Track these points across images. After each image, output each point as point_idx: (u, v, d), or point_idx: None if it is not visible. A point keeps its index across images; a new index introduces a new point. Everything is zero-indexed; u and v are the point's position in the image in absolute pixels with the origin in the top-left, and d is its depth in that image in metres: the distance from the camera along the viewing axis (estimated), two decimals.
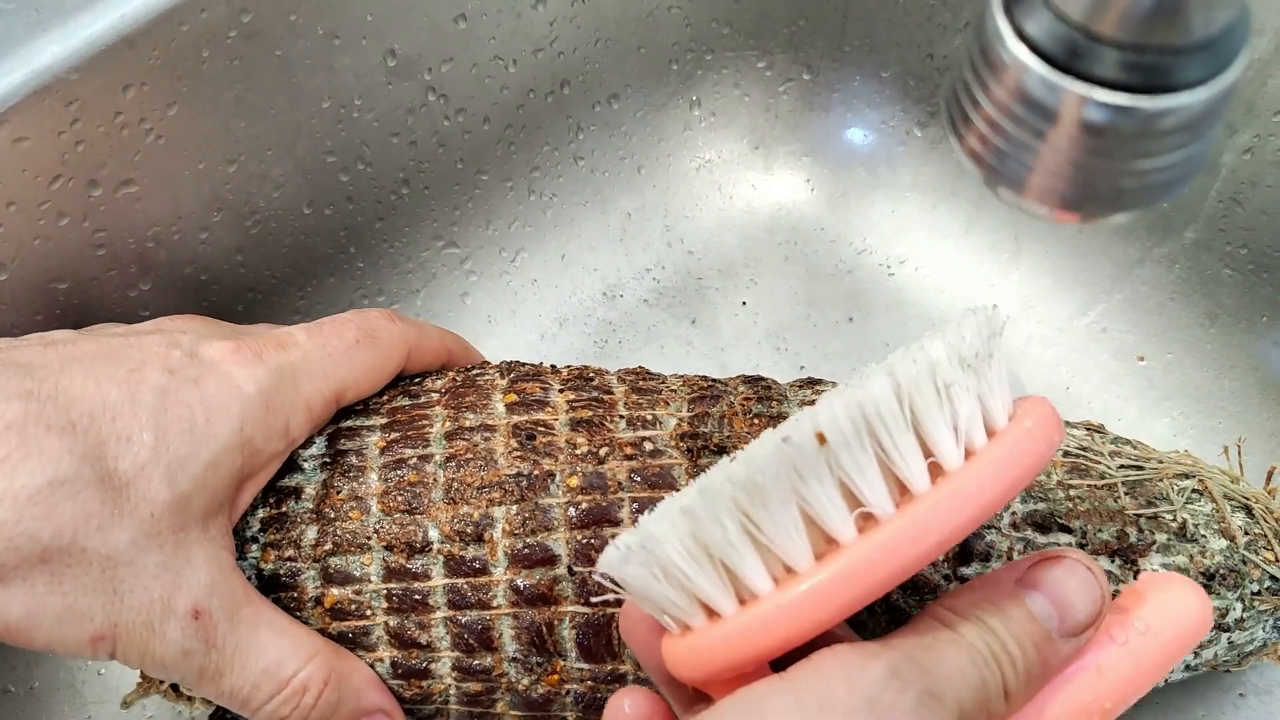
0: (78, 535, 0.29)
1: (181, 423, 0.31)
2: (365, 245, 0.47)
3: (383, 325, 0.37)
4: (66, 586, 0.29)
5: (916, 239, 0.53)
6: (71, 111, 0.36)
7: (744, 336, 0.51)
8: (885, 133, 0.53)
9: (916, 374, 0.24)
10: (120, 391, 0.30)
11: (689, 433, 0.34)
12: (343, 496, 0.34)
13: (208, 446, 0.31)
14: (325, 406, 0.35)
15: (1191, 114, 0.20)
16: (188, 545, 0.31)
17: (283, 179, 0.43)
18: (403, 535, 0.33)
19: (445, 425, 0.35)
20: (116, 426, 0.30)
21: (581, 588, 0.33)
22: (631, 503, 0.33)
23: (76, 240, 0.38)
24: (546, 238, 0.52)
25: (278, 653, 0.32)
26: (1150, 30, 0.19)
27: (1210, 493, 0.35)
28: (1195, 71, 0.20)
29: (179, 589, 0.30)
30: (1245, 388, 0.47)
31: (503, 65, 0.46)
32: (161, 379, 0.31)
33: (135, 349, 0.31)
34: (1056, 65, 0.20)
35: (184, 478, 0.30)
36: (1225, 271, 0.47)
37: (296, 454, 0.35)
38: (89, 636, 0.30)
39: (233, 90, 0.39)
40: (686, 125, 0.54)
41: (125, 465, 0.30)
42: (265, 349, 0.33)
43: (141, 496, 0.30)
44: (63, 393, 0.29)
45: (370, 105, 0.43)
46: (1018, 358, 0.50)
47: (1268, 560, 0.35)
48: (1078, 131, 0.20)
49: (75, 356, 0.31)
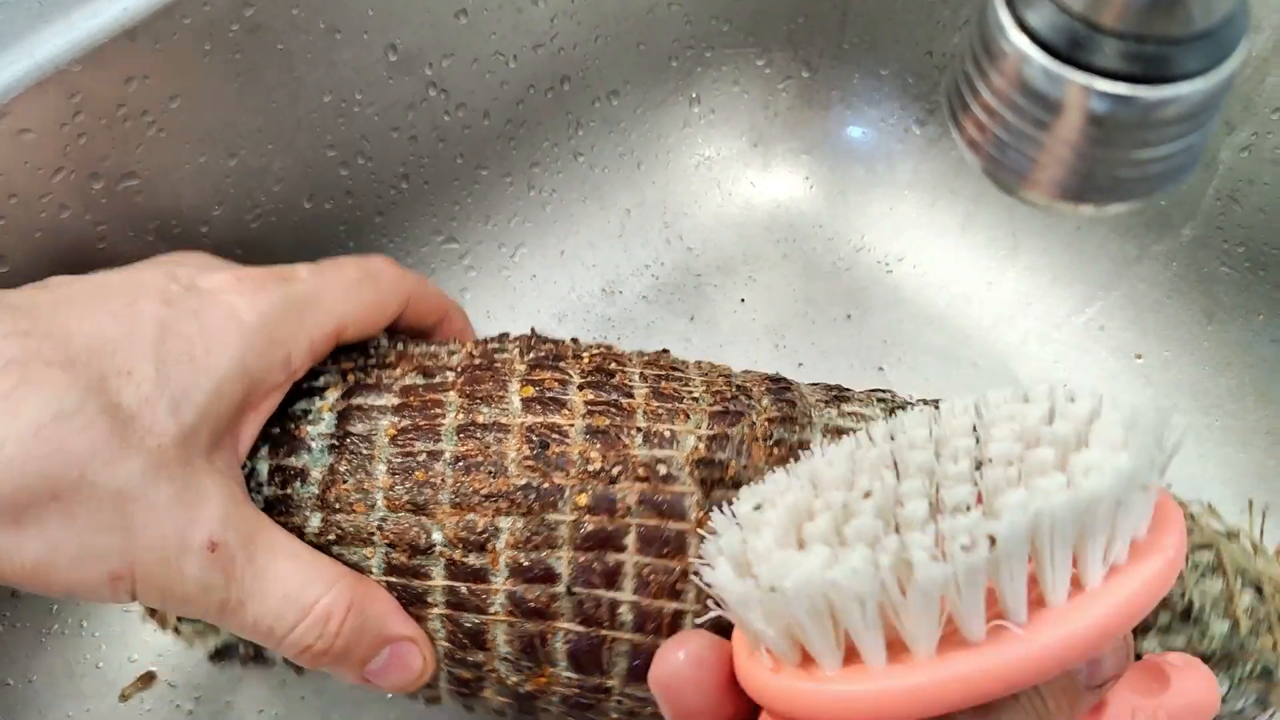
0: (87, 470, 0.28)
1: (182, 354, 0.30)
2: (365, 239, 0.47)
3: (383, 268, 0.37)
4: (80, 524, 0.28)
5: (915, 236, 0.53)
6: (73, 104, 0.36)
7: (742, 333, 0.51)
8: (884, 130, 0.53)
9: (1103, 491, 0.23)
10: (118, 325, 0.30)
11: (705, 459, 0.33)
12: (348, 487, 0.33)
13: (209, 377, 0.30)
14: (326, 340, 0.34)
15: (1191, 104, 0.20)
16: (197, 477, 0.30)
17: (283, 173, 0.43)
18: (406, 535, 0.33)
19: (458, 417, 0.34)
20: (116, 360, 0.29)
21: (579, 608, 0.33)
22: (639, 528, 0.32)
23: (78, 233, 0.38)
24: (546, 233, 0.52)
25: (298, 579, 0.31)
26: (1150, 20, 0.20)
27: (1224, 570, 0.35)
28: (1195, 62, 0.20)
29: (193, 522, 0.30)
30: (1241, 385, 0.47)
31: (503, 61, 0.47)
32: (160, 310, 0.30)
33: (132, 283, 0.31)
34: (1057, 55, 0.20)
35: (188, 409, 0.30)
36: (1222, 269, 0.47)
37: (305, 430, 0.34)
38: (107, 576, 0.29)
39: (234, 84, 0.39)
40: (686, 122, 0.54)
41: (129, 398, 0.29)
42: (267, 280, 0.33)
43: (147, 429, 0.29)
44: (59, 329, 0.29)
45: (371, 100, 0.44)
46: (1015, 355, 0.50)
47: (1265, 646, 0.35)
48: (1078, 121, 0.21)
49: (70, 295, 0.30)
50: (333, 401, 0.34)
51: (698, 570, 0.28)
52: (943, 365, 0.50)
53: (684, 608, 0.32)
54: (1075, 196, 0.22)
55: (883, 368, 0.50)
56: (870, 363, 0.50)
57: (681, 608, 0.32)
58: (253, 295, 0.32)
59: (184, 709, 0.43)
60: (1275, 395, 0.47)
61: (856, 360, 0.50)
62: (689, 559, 0.32)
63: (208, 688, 0.44)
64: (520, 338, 0.37)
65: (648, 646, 0.33)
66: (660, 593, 0.32)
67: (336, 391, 0.35)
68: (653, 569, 0.32)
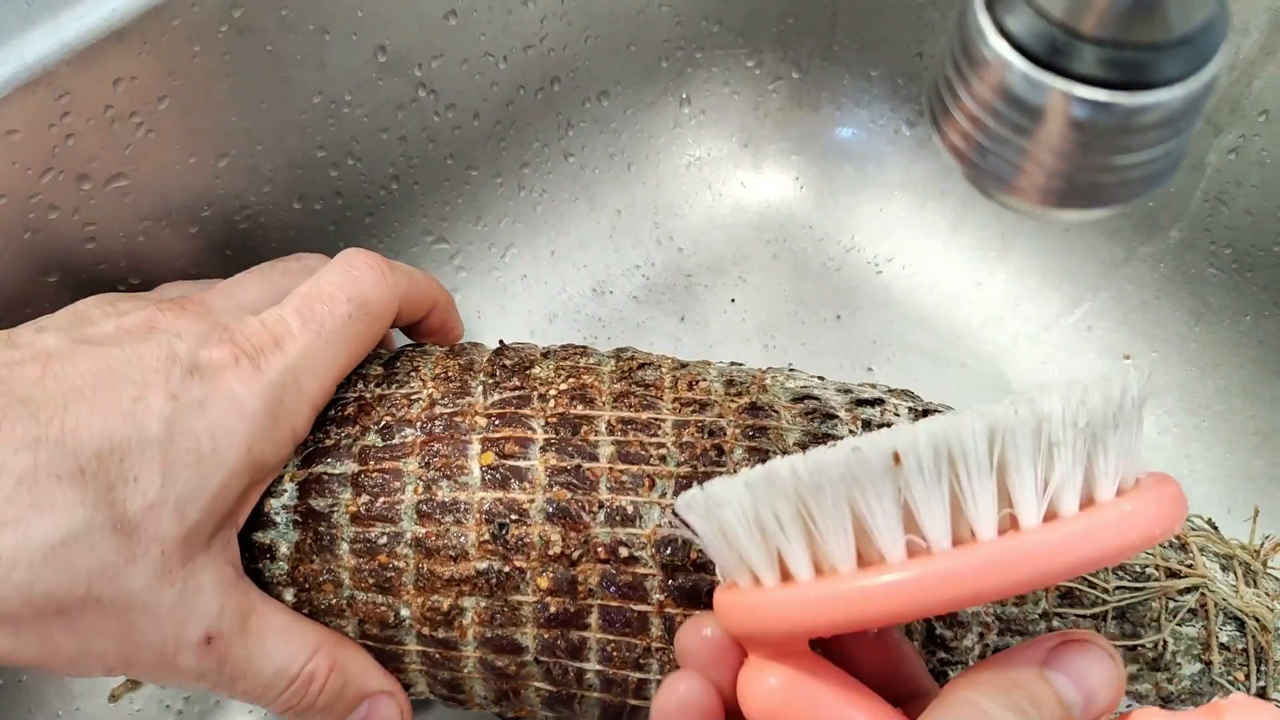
0: (93, 587, 0.29)
1: (189, 455, 0.30)
2: (354, 240, 0.47)
3: (373, 290, 0.35)
4: (81, 633, 0.30)
5: (904, 237, 0.53)
6: (62, 105, 0.36)
7: (733, 333, 0.52)
8: (874, 131, 0.54)
9: (1017, 424, 0.24)
10: (125, 426, 0.30)
11: (668, 539, 0.32)
12: (315, 568, 0.33)
13: (216, 474, 0.31)
14: (326, 396, 0.34)
15: (1171, 110, 0.20)
16: (196, 574, 0.31)
17: (273, 174, 0.43)
18: (375, 612, 0.33)
19: (417, 492, 0.33)
20: (124, 466, 0.29)
21: (547, 674, 0.33)
22: (601, 608, 0.32)
23: (67, 234, 0.38)
24: (536, 234, 0.52)
25: (287, 655, 0.33)
26: (1130, 27, 0.20)
27: (1207, 614, 0.34)
28: (1175, 68, 0.20)
29: (190, 621, 0.31)
30: (1229, 386, 0.48)
31: (493, 61, 0.47)
32: (166, 407, 0.30)
33: (135, 368, 0.31)
34: (1037, 62, 0.20)
35: (193, 511, 0.30)
36: (1210, 271, 0.47)
37: (268, 505, 0.34)
38: (103, 670, 0.31)
39: (223, 85, 0.39)
40: (676, 122, 0.54)
41: (134, 507, 0.29)
42: (263, 355, 0.32)
43: (152, 537, 0.30)
44: (70, 435, 0.29)
45: (360, 100, 0.44)
46: (1004, 356, 0.50)
47: (1236, 681, 0.35)
48: (1058, 127, 0.21)
49: (76, 386, 0.30)
50: (293, 470, 0.34)
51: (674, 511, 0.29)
52: (932, 366, 0.50)
53: (648, 677, 0.33)
54: (1056, 202, 0.22)
55: (872, 368, 0.50)
56: (860, 363, 0.50)
57: (646, 677, 0.33)
58: (252, 380, 0.32)
59: (173, 709, 0.43)
60: (1262, 395, 0.47)
61: (846, 360, 0.50)
62: (651, 638, 0.32)
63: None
64: (488, 361, 0.36)
65: (617, 703, 0.34)
66: (625, 665, 0.33)
67: (296, 456, 0.34)
68: (616, 645, 0.33)
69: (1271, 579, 0.37)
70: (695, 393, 0.35)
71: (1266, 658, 0.35)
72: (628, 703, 0.33)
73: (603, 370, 0.36)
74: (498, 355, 0.37)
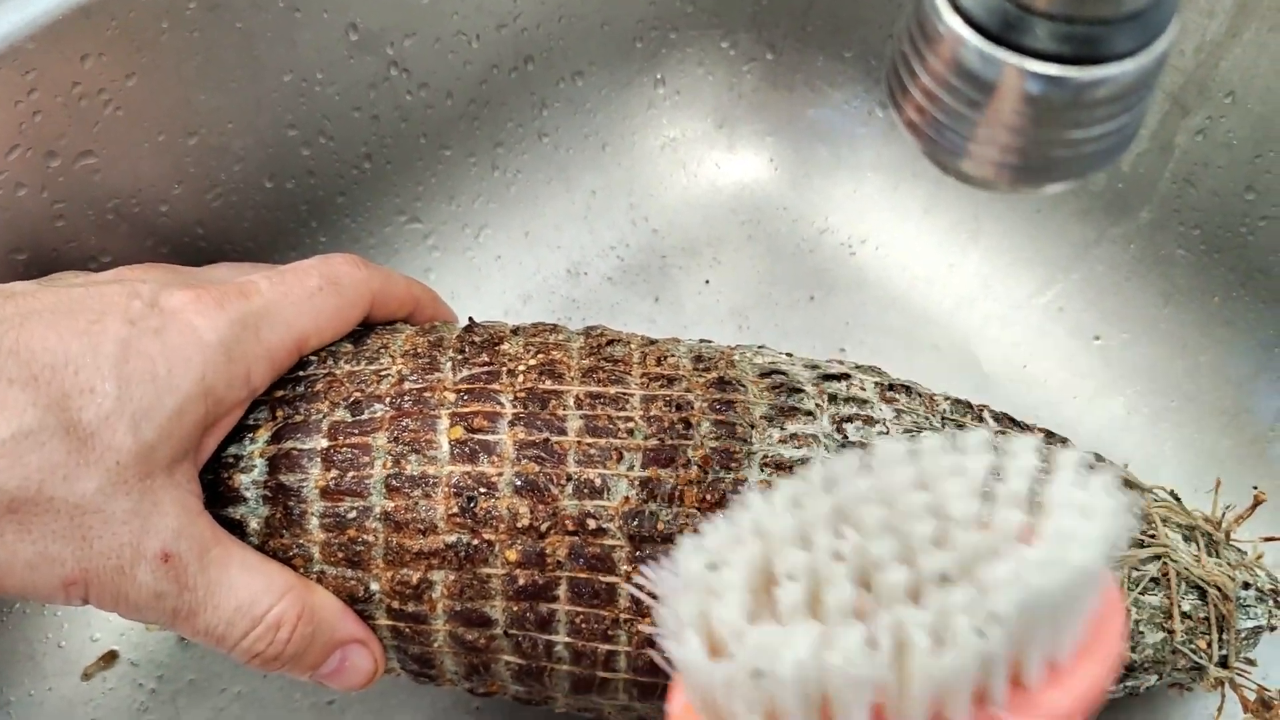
0: (44, 485, 0.29)
1: (144, 373, 0.31)
2: (327, 220, 0.47)
3: (346, 272, 0.36)
4: (35, 534, 0.30)
5: (878, 219, 0.53)
6: (28, 81, 0.36)
7: (707, 314, 0.52)
8: (848, 113, 0.54)
9: (1089, 564, 0.22)
10: (81, 343, 0.30)
11: (635, 510, 0.33)
12: (285, 542, 0.33)
13: (171, 396, 0.31)
14: (288, 354, 0.35)
15: (1123, 84, 0.21)
16: (154, 491, 0.31)
17: (244, 152, 0.43)
18: (345, 586, 0.33)
19: (386, 467, 0.33)
20: (79, 378, 0.30)
21: (517, 646, 0.33)
22: (570, 580, 0.33)
23: (35, 212, 0.38)
24: (510, 214, 0.52)
25: (250, 591, 0.32)
26: (1081, 2, 0.20)
27: (1169, 583, 0.35)
28: (1126, 42, 0.20)
29: (147, 533, 0.31)
30: (1198, 366, 0.48)
31: (466, 40, 0.47)
32: (123, 329, 0.31)
33: (96, 300, 0.31)
34: (991, 37, 0.21)
35: (148, 427, 0.31)
36: (1179, 252, 0.48)
37: (238, 480, 0.34)
38: (60, 581, 0.30)
39: (192, 62, 0.39)
40: (651, 103, 0.54)
41: (89, 416, 0.30)
42: (226, 297, 0.33)
43: (107, 445, 0.30)
44: (24, 346, 0.30)
45: (332, 79, 0.43)
46: (976, 337, 0.51)
47: (1198, 649, 0.35)
48: (1012, 102, 0.21)
49: (35, 309, 0.31)
50: (263, 445, 0.34)
51: (655, 641, 0.25)
52: (904, 347, 0.50)
53: (617, 649, 0.33)
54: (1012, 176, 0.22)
55: (845, 349, 0.50)
56: (832, 344, 0.50)
57: (614, 649, 0.33)
58: (213, 314, 0.32)
59: (146, 687, 0.43)
60: (1231, 376, 0.47)
61: (819, 341, 0.51)
62: (619, 609, 0.33)
63: (170, 666, 0.44)
64: (457, 338, 0.36)
65: (587, 676, 0.34)
66: (594, 637, 0.33)
67: (267, 432, 0.34)
68: (585, 617, 0.33)
69: (1233, 549, 0.37)
70: (663, 368, 0.35)
71: (1228, 625, 0.35)
72: (597, 675, 0.34)
73: (571, 346, 0.36)
74: (467, 332, 0.37)
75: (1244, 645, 0.36)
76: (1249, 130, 0.43)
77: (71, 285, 0.33)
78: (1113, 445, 0.47)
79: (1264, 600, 0.36)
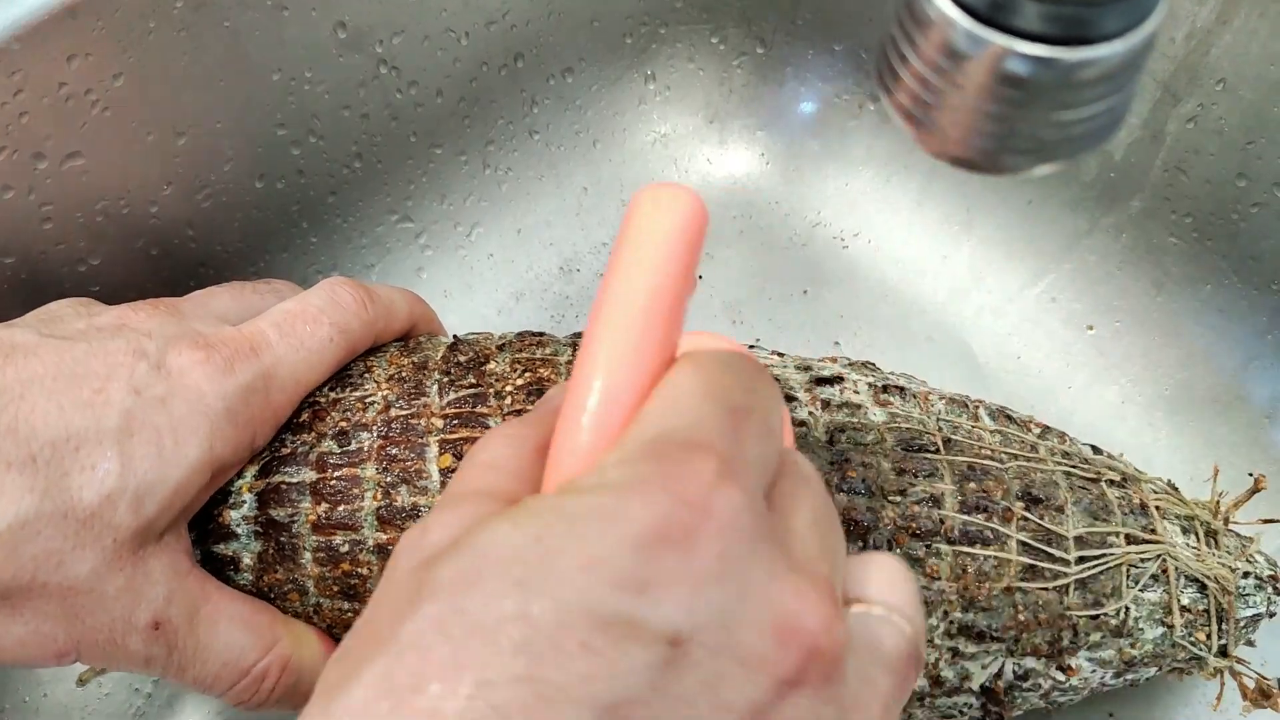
0: (38, 573, 0.29)
1: (148, 447, 0.30)
2: (318, 219, 0.47)
3: (355, 319, 0.35)
4: (27, 616, 0.30)
5: (870, 212, 0.53)
6: (14, 82, 0.35)
7: (700, 310, 0.52)
8: (838, 106, 0.54)
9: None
10: (84, 417, 0.30)
11: None
12: (280, 577, 0.33)
13: (176, 469, 0.31)
14: (292, 409, 0.34)
15: (1111, 65, 0.21)
16: (146, 561, 0.31)
17: (233, 152, 0.43)
18: (341, 618, 0.33)
19: (376, 498, 0.33)
20: (80, 456, 0.29)
21: None
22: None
23: (23, 214, 0.38)
24: (502, 212, 0.52)
25: (238, 648, 0.33)
26: None
27: (1168, 578, 0.35)
28: (1114, 23, 0.20)
29: (138, 606, 0.31)
30: (1190, 355, 0.48)
31: (455, 38, 0.46)
32: (127, 400, 0.30)
33: (99, 360, 0.31)
34: (979, 18, 0.20)
35: (150, 504, 0.30)
36: (1171, 240, 0.48)
37: (228, 516, 0.34)
38: (53, 653, 0.30)
39: (180, 61, 0.39)
40: (641, 99, 0.54)
41: (89, 496, 0.29)
42: (237, 357, 0.32)
43: (105, 524, 0.30)
44: (24, 423, 0.29)
45: (321, 78, 0.43)
46: (969, 328, 0.51)
47: (1198, 642, 0.35)
48: (1000, 83, 0.21)
49: (36, 376, 0.30)
50: (251, 480, 0.34)
51: None
52: (898, 339, 0.50)
53: None
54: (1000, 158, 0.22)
55: (838, 342, 0.50)
56: (826, 337, 0.50)
57: None
58: (221, 380, 0.32)
59: (142, 692, 0.43)
60: (1223, 363, 0.47)
61: (813, 335, 0.50)
62: None
63: None
64: (442, 359, 0.36)
65: None
66: None
67: (254, 466, 0.34)
68: None
69: (1232, 536, 0.37)
70: None
71: (1228, 617, 0.35)
72: None
73: (560, 361, 0.35)
74: (452, 351, 0.36)
75: (1243, 634, 0.36)
76: (1240, 117, 0.43)
77: (72, 331, 0.32)
78: (1107, 434, 0.47)
79: (1263, 588, 0.36)
